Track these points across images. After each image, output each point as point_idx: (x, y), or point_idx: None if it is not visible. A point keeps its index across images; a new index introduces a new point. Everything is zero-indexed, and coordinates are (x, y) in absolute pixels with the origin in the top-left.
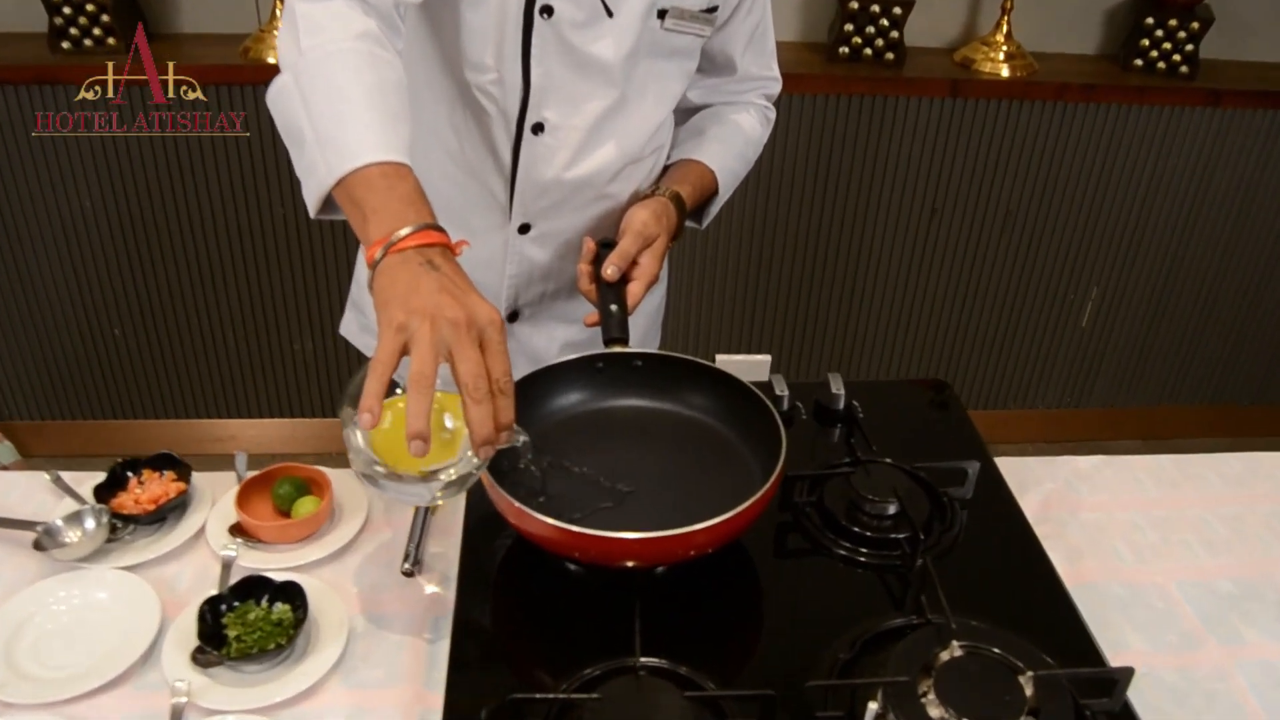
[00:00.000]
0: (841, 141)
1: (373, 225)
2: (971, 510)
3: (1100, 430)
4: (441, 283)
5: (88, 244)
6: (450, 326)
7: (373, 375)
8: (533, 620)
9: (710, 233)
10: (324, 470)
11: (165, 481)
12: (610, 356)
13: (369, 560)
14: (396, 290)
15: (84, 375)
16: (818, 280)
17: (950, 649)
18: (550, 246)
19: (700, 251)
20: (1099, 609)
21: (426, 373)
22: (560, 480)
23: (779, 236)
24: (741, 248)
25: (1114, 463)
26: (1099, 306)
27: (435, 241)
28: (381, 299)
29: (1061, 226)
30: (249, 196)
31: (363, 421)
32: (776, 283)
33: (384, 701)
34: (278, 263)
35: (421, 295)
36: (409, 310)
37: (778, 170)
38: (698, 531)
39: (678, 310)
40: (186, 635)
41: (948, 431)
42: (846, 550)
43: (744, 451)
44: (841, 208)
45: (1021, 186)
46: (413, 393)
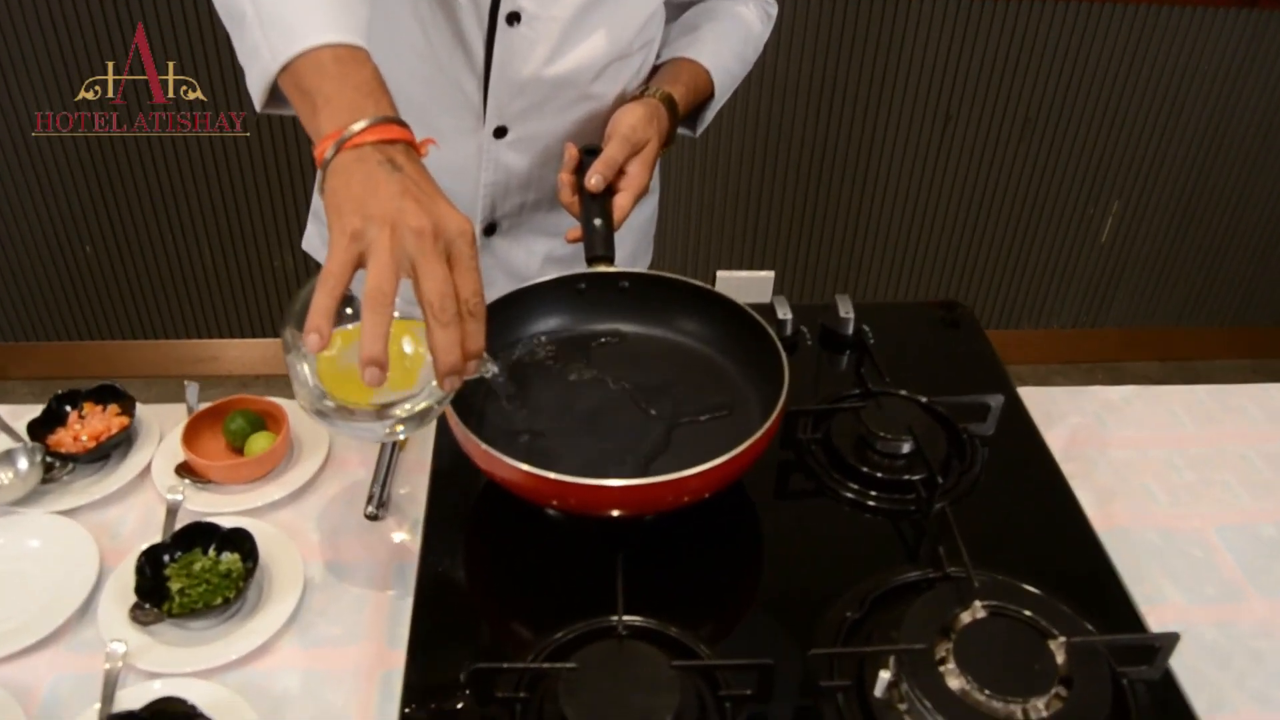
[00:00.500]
0: (850, 41)
1: (324, 117)
2: (993, 447)
3: (1117, 351)
4: (404, 185)
5: (51, 158)
6: (414, 236)
7: (321, 290)
8: (506, 574)
9: (707, 140)
10: (281, 403)
11: (108, 416)
12: (594, 277)
13: (330, 502)
14: (351, 192)
15: (56, 295)
16: (823, 192)
17: (972, 609)
18: (529, 152)
19: (696, 160)
20: (1131, 557)
21: (385, 289)
22: (536, 417)
23: (781, 144)
24: (741, 157)
25: (1145, 394)
26: (1120, 221)
27: (397, 138)
28: (333, 203)
29: (1082, 135)
30: (220, 108)
31: (309, 343)
32: (779, 195)
33: (342, 662)
34: (253, 176)
35: (380, 199)
36: (365, 216)
37: (780, 72)
38: (689, 478)
39: (671, 224)
40: (126, 588)
41: (966, 359)
42: (855, 493)
43: (742, 384)
44: (849, 113)
45: (1041, 91)
46: (368, 311)
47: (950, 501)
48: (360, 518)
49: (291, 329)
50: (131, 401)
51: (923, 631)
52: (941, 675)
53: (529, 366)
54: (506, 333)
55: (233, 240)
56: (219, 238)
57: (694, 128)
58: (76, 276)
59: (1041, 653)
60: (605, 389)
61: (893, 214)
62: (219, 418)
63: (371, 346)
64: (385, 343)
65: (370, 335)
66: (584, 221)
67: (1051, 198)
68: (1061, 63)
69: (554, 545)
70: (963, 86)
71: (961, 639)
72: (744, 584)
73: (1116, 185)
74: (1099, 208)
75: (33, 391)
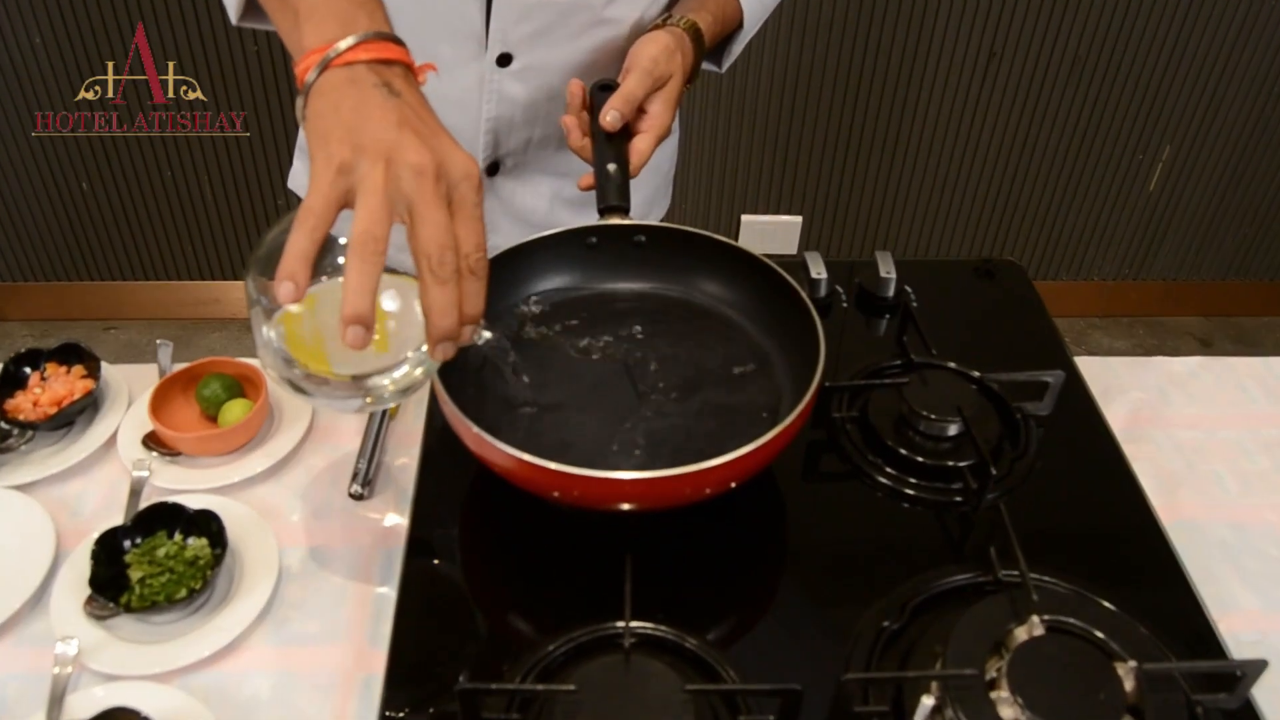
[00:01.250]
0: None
1: (308, 29)
2: (1048, 428)
3: (1160, 305)
4: (402, 114)
5: (40, 81)
6: (412, 174)
7: (300, 230)
8: (501, 569)
9: (733, 75)
10: (259, 365)
11: (72, 379)
12: (607, 230)
13: (312, 479)
14: (340, 117)
15: (54, 234)
16: (856, 132)
17: (1029, 625)
18: (536, 83)
19: (722, 96)
20: (1199, 555)
21: (376, 233)
22: (537, 392)
23: (813, 81)
24: (770, 93)
25: (1213, 366)
26: (1170, 168)
27: (394, 58)
28: (318, 128)
29: (1135, 75)
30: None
31: (281, 294)
32: (809, 135)
33: (318, 663)
34: (254, 111)
35: (375, 127)
36: (356, 146)
37: (814, 4)
38: (712, 470)
39: (694, 165)
40: (82, 575)
41: (1018, 327)
42: (895, 480)
43: (771, 355)
44: (886, 48)
45: (1093, 28)
46: (355, 259)
47: (1003, 493)
48: (344, 497)
49: (256, 277)
50: (97, 362)
51: (972, 650)
52: (993, 703)
53: (531, 332)
54: (507, 293)
55: (234, 178)
56: (220, 174)
57: (719, 62)
58: (74, 214)
59: (1108, 678)
60: (617, 359)
61: (929, 157)
62: (192, 382)
63: (357, 301)
64: (373, 298)
65: (356, 288)
66: (597, 167)
67: (1099, 142)
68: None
69: (556, 539)
70: (1009, 22)
71: (1016, 660)
72: (768, 586)
73: (1169, 130)
74: (1149, 154)
75: (32, 333)
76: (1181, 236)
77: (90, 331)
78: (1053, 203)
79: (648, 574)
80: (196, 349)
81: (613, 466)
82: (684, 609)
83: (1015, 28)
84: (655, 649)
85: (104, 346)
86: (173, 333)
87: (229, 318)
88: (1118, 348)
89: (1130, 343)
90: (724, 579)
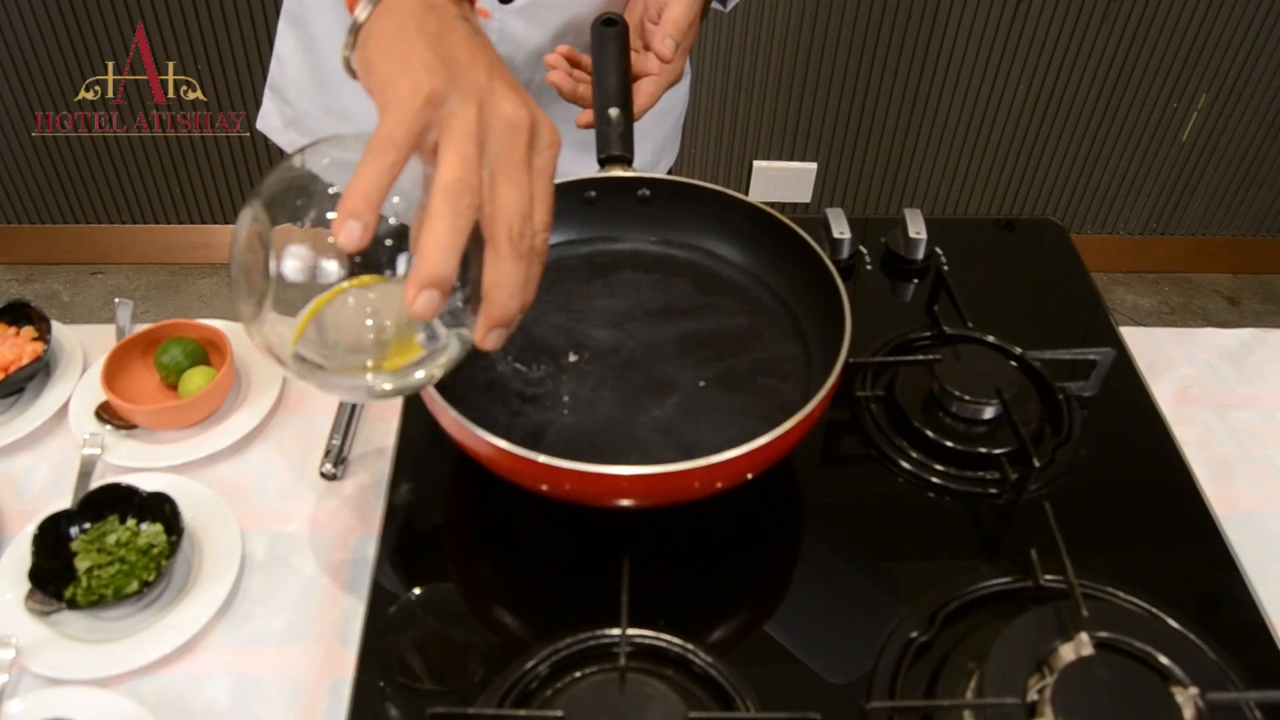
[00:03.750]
0: None
1: None
2: (1093, 410)
3: (1187, 261)
4: (490, 58)
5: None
6: (506, 129)
7: (374, 161)
8: (485, 566)
9: (748, 17)
10: (224, 329)
11: (21, 341)
12: (606, 183)
13: (279, 456)
14: (425, 40)
15: (36, 175)
16: (875, 76)
17: (1076, 643)
18: (542, 24)
19: (736, 37)
20: (1256, 553)
21: (472, 183)
22: (525, 367)
23: (832, 21)
24: (786, 34)
25: (1267, 339)
26: (1204, 117)
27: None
28: (396, 49)
29: (1173, 19)
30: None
31: (347, 236)
32: (826, 78)
33: (282, 666)
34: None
35: (465, 63)
36: (450, 78)
37: None
38: (723, 464)
39: (704, 108)
40: (24, 564)
41: (1056, 294)
42: (918, 467)
43: (788, 325)
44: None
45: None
46: (447, 210)
47: (1043, 484)
48: (315, 476)
49: (259, 208)
50: (47, 323)
51: (1012, 671)
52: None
53: None
54: None
55: (224, 113)
56: (207, 113)
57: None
58: (57, 155)
59: (1165, 706)
60: (615, 329)
61: (952, 101)
62: (152, 346)
63: (441, 260)
64: (459, 259)
65: (442, 244)
66: (597, 111)
67: (1131, 90)
68: None
69: (547, 532)
70: None
71: (1062, 683)
72: (781, 589)
73: (1205, 77)
74: (1183, 102)
75: (16, 278)
76: (1213, 190)
77: (77, 275)
78: (1080, 152)
79: (647, 575)
80: (185, 295)
81: (610, 456)
82: (687, 615)
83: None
84: (655, 660)
85: (90, 291)
86: (161, 277)
87: (219, 262)
88: (1143, 305)
89: (1156, 299)
90: (732, 581)
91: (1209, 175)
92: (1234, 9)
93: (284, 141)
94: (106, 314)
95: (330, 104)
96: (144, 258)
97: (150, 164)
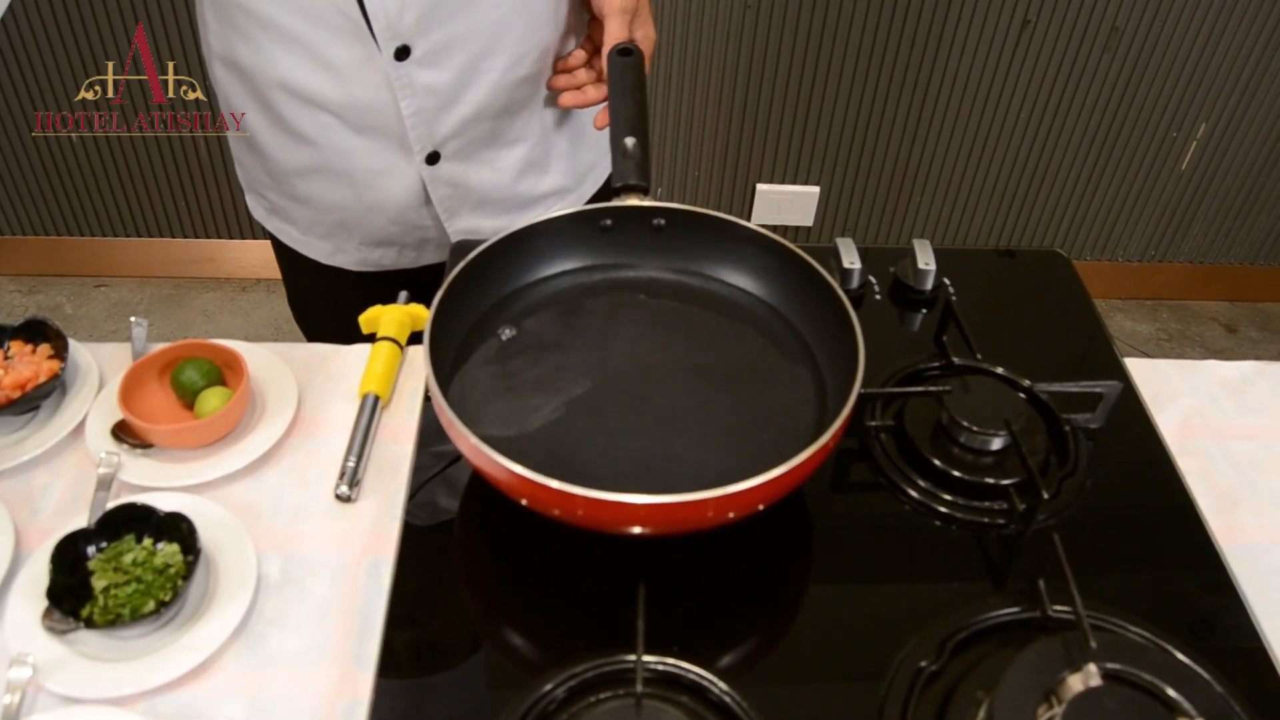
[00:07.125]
0: None
1: None
2: (1098, 443)
3: (1185, 288)
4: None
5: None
6: None
7: None
8: (500, 590)
9: (752, 37)
10: (240, 350)
11: (38, 359)
12: (623, 211)
13: (295, 477)
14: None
15: (43, 186)
16: (879, 100)
17: (1084, 673)
18: (449, 67)
19: (741, 60)
20: (1260, 584)
21: None
22: (541, 392)
23: (837, 47)
24: (792, 58)
25: (1267, 372)
26: (1204, 147)
27: None
28: None
29: (1174, 48)
30: None
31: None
32: (830, 103)
33: (297, 685)
34: None
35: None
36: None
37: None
38: (738, 494)
39: (708, 131)
40: (41, 582)
41: (1064, 328)
42: (927, 496)
43: (801, 355)
44: (916, 11)
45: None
46: None
47: (1051, 515)
48: (331, 499)
49: None
50: (64, 341)
51: (1021, 701)
52: None
53: (536, 325)
54: (512, 279)
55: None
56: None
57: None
58: (64, 167)
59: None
60: (630, 357)
61: (954, 128)
62: (169, 366)
63: None
64: None
65: None
66: (613, 140)
67: (1132, 118)
68: None
69: (562, 557)
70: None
71: (1071, 714)
72: (792, 617)
73: (1205, 107)
74: (1183, 131)
75: (20, 289)
76: (1211, 219)
77: (80, 288)
78: (1080, 180)
79: (661, 600)
80: (189, 309)
81: (624, 483)
82: (700, 641)
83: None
84: (671, 687)
85: (94, 304)
86: (165, 291)
87: (223, 277)
88: (1141, 331)
89: (1154, 326)
90: (744, 607)
91: (1207, 204)
92: (1233, 40)
93: (273, 228)
94: (109, 326)
95: (293, 193)
96: (147, 271)
97: (154, 173)
